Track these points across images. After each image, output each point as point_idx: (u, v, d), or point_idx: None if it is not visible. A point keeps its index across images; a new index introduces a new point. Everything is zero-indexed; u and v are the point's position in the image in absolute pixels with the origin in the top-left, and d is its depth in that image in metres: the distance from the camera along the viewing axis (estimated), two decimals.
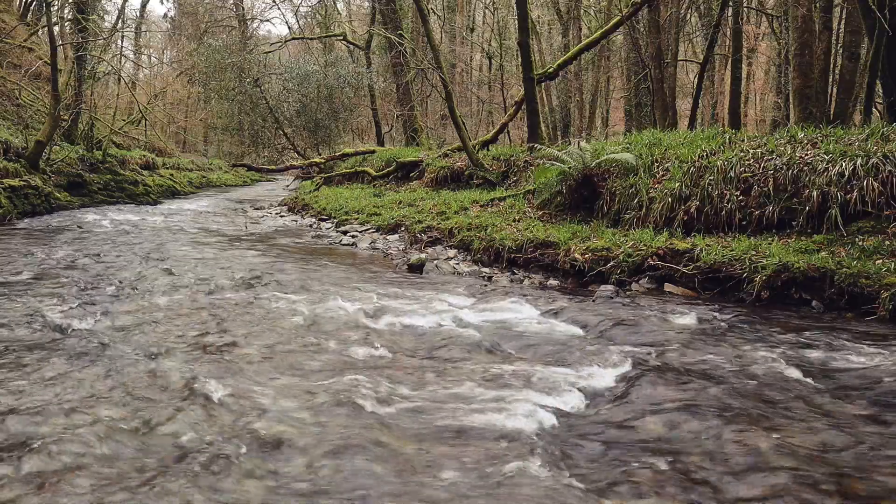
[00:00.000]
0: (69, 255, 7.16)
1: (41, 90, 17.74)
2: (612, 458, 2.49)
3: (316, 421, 2.77)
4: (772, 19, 17.89)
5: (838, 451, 2.48)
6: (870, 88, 10.15)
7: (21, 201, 11.57)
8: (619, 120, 25.77)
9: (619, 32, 18.06)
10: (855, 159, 5.69)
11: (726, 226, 6.27)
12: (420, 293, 5.46)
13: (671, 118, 15.12)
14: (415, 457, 2.50)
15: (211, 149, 36.14)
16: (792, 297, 4.96)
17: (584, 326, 4.42)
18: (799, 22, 12.06)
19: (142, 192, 16.70)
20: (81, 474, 2.27)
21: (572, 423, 2.83)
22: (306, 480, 2.31)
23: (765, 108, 24.05)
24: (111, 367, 3.34)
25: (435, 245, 8.24)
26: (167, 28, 39.73)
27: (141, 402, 2.91)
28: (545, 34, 27.90)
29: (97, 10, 20.22)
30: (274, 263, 7.05)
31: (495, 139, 15.37)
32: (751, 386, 3.17)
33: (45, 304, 4.70)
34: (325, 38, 27.16)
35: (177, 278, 5.85)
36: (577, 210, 8.14)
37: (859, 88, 12.29)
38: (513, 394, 3.12)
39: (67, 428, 2.61)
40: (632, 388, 3.16)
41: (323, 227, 11.33)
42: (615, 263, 5.96)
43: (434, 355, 3.78)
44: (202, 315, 4.54)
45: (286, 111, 23.65)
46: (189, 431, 2.63)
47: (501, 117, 18.18)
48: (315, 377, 3.35)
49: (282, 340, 3.97)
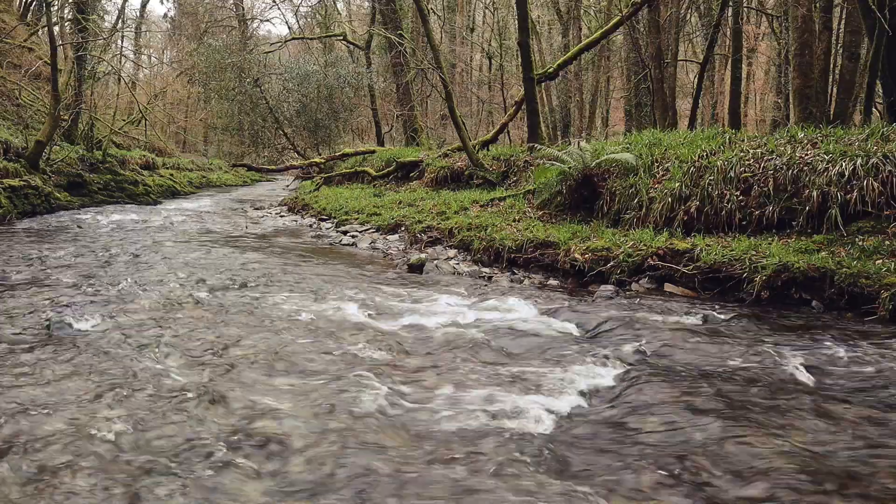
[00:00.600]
0: (69, 255, 7.16)
1: (41, 90, 17.74)
2: (612, 459, 2.49)
3: (315, 421, 2.78)
4: (772, 19, 17.89)
5: (839, 452, 2.48)
6: (870, 88, 10.15)
7: (21, 201, 11.57)
8: (619, 120, 25.76)
9: (619, 32, 18.06)
10: (855, 159, 5.69)
11: (726, 226, 6.27)
12: (420, 293, 5.46)
13: (671, 118, 15.12)
14: (414, 457, 2.50)
15: (211, 149, 36.13)
16: (792, 297, 4.96)
17: (584, 326, 4.42)
18: (799, 22, 12.06)
19: (142, 192, 16.69)
20: (80, 474, 2.27)
21: (572, 423, 2.83)
22: (306, 480, 2.32)
23: (765, 108, 24.04)
24: (110, 367, 3.35)
25: (435, 245, 8.24)
26: (167, 28, 39.73)
27: (140, 401, 2.91)
28: (545, 34, 27.90)
29: (97, 10, 20.22)
30: (274, 263, 7.05)
31: (495, 139, 15.36)
32: (751, 386, 3.17)
33: (44, 303, 4.70)
34: (325, 38, 27.15)
35: (176, 278, 5.85)
36: (577, 210, 8.14)
37: (859, 88, 12.28)
38: (513, 394, 3.13)
39: (66, 427, 2.61)
40: (632, 388, 3.16)
41: (323, 227, 11.33)
42: (615, 263, 5.96)
43: (434, 355, 3.78)
44: (202, 315, 4.54)
45: (286, 111, 23.65)
46: (188, 431, 2.63)
47: (501, 117, 18.18)
48: (314, 377, 3.35)
49: (281, 340, 3.97)
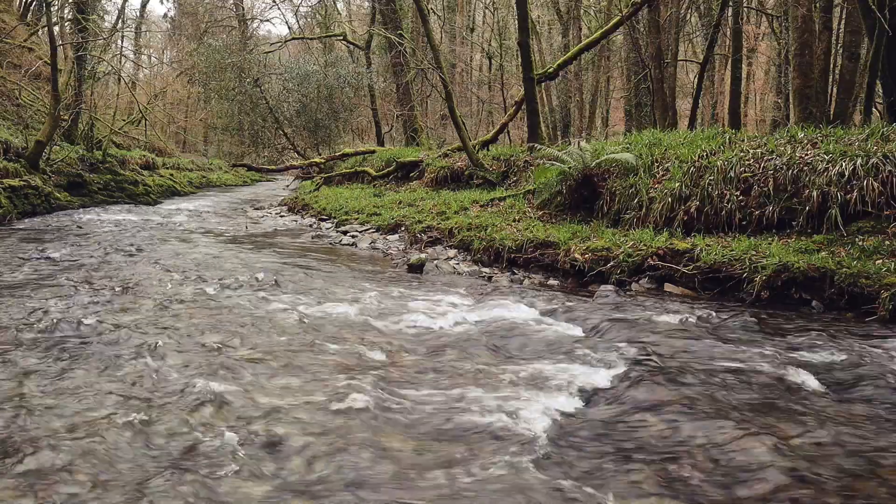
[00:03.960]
0: (69, 255, 7.16)
1: (41, 90, 17.74)
2: (612, 459, 2.49)
3: (315, 421, 2.78)
4: (772, 19, 17.89)
5: (838, 452, 2.48)
6: (870, 88, 10.15)
7: (21, 201, 11.57)
8: (619, 120, 25.76)
9: (619, 32, 18.06)
10: (855, 159, 5.68)
11: (726, 226, 6.27)
12: (420, 293, 5.46)
13: (671, 118, 15.12)
14: (414, 457, 2.50)
15: (211, 149, 36.14)
16: (792, 297, 4.95)
17: (584, 326, 4.42)
18: (799, 22, 12.06)
19: (142, 192, 16.69)
20: (80, 474, 2.27)
21: (572, 423, 2.83)
22: (306, 480, 2.31)
23: (765, 108, 24.04)
24: (110, 367, 3.35)
25: (435, 245, 8.24)
26: (167, 28, 39.74)
27: (140, 401, 2.91)
28: (545, 34, 27.89)
29: (97, 10, 20.22)
30: (274, 263, 7.05)
31: (495, 139, 15.36)
32: (751, 386, 3.16)
33: (44, 303, 4.70)
34: (325, 38, 27.16)
35: (176, 278, 5.85)
36: (577, 210, 8.14)
37: (859, 88, 12.28)
38: (512, 394, 3.12)
39: (66, 427, 2.61)
40: (631, 388, 3.16)
41: (323, 227, 11.33)
42: (615, 263, 5.96)
43: (434, 355, 3.78)
44: (201, 315, 4.54)
45: (286, 111, 23.65)
46: (188, 431, 2.63)
47: (501, 117, 18.17)
48: (314, 377, 3.35)
49: (281, 340, 3.97)
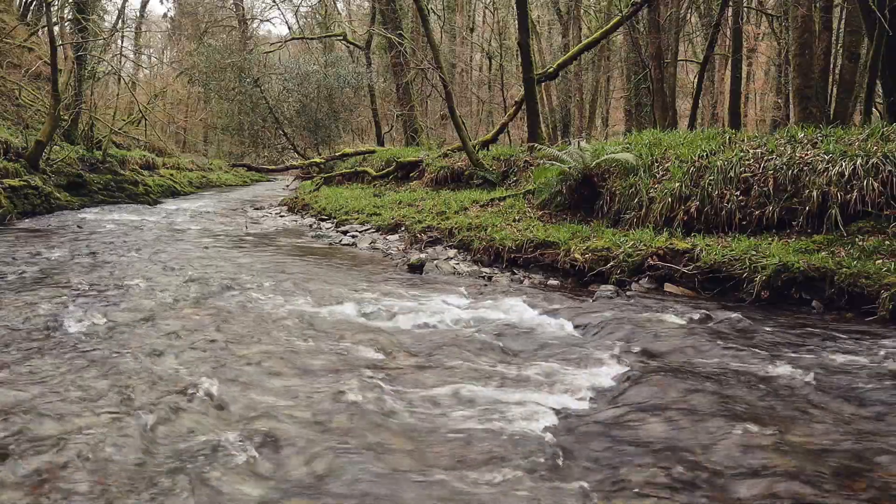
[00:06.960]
0: (69, 255, 7.16)
1: (41, 90, 17.73)
2: (612, 459, 2.49)
3: (315, 421, 2.78)
4: (772, 19, 17.89)
5: (838, 451, 2.48)
6: (870, 88, 10.15)
7: (21, 201, 11.56)
8: (619, 120, 25.75)
9: (619, 32, 18.07)
10: (855, 159, 5.69)
11: (726, 226, 6.27)
12: (420, 293, 5.46)
13: (671, 118, 15.11)
14: (414, 457, 2.50)
15: (211, 149, 36.14)
16: (792, 297, 4.96)
17: (584, 326, 4.42)
18: (799, 22, 12.06)
19: (142, 192, 16.68)
20: (80, 474, 2.27)
21: (572, 423, 2.83)
22: (305, 480, 2.31)
23: (765, 108, 24.02)
24: (110, 367, 3.34)
25: (435, 245, 8.24)
26: (167, 28, 39.71)
27: (139, 401, 2.91)
28: (545, 34, 27.91)
29: (97, 10, 20.23)
30: (274, 263, 7.05)
31: (495, 139, 15.35)
32: (751, 386, 3.16)
33: (44, 303, 4.69)
34: (325, 38, 27.17)
35: (176, 278, 5.85)
36: (577, 210, 8.14)
37: (859, 88, 12.28)
38: (512, 394, 3.12)
39: (66, 427, 2.61)
40: (632, 388, 3.16)
41: (323, 227, 11.33)
42: (615, 263, 5.96)
43: (434, 355, 3.78)
44: (201, 315, 4.54)
45: (286, 111, 23.66)
46: (188, 430, 2.63)
47: (501, 117, 18.17)
48: (314, 377, 3.35)
49: (281, 340, 3.97)
